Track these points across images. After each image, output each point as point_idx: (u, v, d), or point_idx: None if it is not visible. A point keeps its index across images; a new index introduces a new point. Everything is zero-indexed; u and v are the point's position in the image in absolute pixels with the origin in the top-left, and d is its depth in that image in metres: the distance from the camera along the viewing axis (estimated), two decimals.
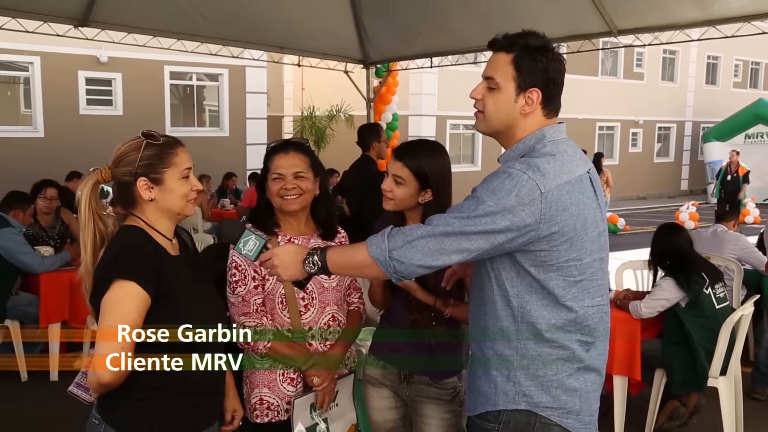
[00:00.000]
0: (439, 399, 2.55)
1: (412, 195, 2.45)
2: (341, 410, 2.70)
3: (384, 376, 2.65)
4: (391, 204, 2.48)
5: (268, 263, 2.09)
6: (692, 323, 4.18)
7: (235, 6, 7.31)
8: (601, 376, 2.05)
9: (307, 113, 19.82)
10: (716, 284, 4.30)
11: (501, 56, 1.99)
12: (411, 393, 2.59)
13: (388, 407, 2.67)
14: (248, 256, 2.13)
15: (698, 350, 4.16)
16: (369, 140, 6.06)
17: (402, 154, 2.47)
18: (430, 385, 2.56)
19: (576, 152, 1.99)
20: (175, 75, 16.44)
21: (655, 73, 26.24)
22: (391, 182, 2.47)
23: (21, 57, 14.18)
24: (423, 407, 2.58)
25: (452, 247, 1.86)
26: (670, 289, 4.23)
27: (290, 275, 2.08)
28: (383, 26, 8.30)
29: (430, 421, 2.56)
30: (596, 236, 1.95)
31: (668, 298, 4.23)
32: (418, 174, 2.43)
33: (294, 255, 2.06)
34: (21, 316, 5.35)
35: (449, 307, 2.49)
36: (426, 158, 2.45)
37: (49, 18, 6.82)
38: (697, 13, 6.26)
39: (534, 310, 1.93)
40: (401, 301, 2.55)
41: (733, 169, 14.52)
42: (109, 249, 1.98)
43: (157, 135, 2.03)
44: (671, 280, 4.25)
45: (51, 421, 4.63)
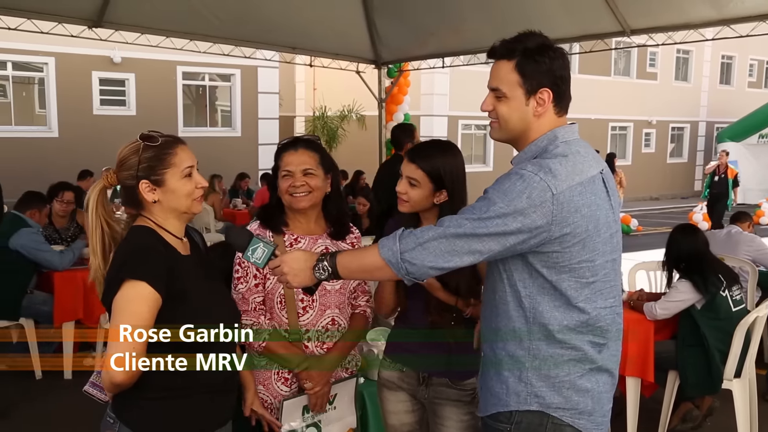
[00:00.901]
0: (458, 401, 2.53)
1: (427, 196, 2.44)
2: (339, 413, 2.68)
3: (401, 379, 2.63)
4: (407, 206, 2.48)
5: (277, 270, 2.08)
6: (708, 326, 4.15)
7: (247, 7, 7.32)
8: (613, 377, 2.04)
9: (319, 113, 19.86)
10: (733, 286, 4.26)
11: (503, 65, 1.98)
12: (430, 395, 2.57)
13: (405, 410, 2.65)
14: (257, 264, 2.13)
15: (713, 353, 4.12)
16: (403, 141, 6.25)
17: (415, 156, 2.47)
18: (450, 386, 2.54)
19: (588, 153, 1.98)
20: (187, 75, 16.52)
21: (668, 73, 26.10)
22: (405, 184, 2.47)
23: (36, 58, 14.30)
24: (442, 409, 2.55)
25: (463, 248, 1.86)
26: (686, 291, 4.19)
27: (300, 282, 2.08)
28: (395, 26, 8.29)
29: (450, 423, 2.54)
30: (609, 237, 1.94)
31: (684, 300, 4.19)
32: (432, 175, 2.42)
33: (303, 262, 2.05)
34: (35, 315, 5.39)
35: (470, 307, 2.48)
36: (440, 159, 2.45)
37: (64, 19, 6.86)
38: (712, 12, 6.22)
39: (546, 311, 1.93)
40: (418, 302, 2.54)
41: (722, 170, 14.34)
42: (120, 250, 1.99)
43: (156, 136, 2.03)
44: (688, 282, 4.21)
45: (65, 419, 4.65)
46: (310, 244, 2.64)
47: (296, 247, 2.61)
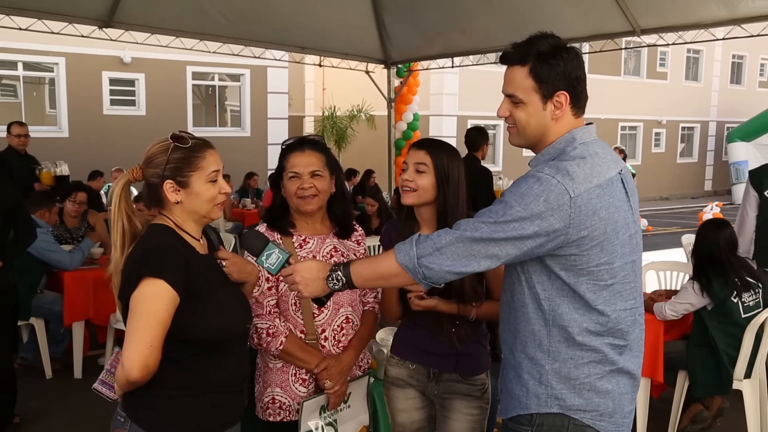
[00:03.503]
0: (468, 395, 2.54)
1: (433, 185, 2.45)
2: (353, 412, 2.69)
3: (411, 376, 2.63)
4: (413, 196, 2.47)
5: (289, 279, 2.09)
6: (716, 328, 4.10)
7: (257, 7, 7.34)
8: (634, 379, 2.03)
9: (328, 113, 19.87)
10: (746, 293, 4.14)
11: (516, 71, 1.95)
12: (440, 391, 2.58)
13: (414, 408, 2.66)
14: (270, 270, 2.14)
15: (721, 355, 4.09)
16: (479, 142, 6.42)
17: (423, 144, 2.51)
18: (460, 381, 2.55)
19: (607, 153, 1.96)
20: (197, 75, 16.57)
21: (678, 73, 25.98)
22: (412, 172, 2.47)
23: (47, 58, 14.38)
24: (451, 403, 2.56)
25: (481, 252, 1.85)
26: (692, 294, 4.15)
27: (311, 292, 2.08)
28: (404, 26, 8.29)
29: (458, 416, 2.54)
30: (627, 239, 1.93)
31: (693, 303, 4.15)
32: (437, 165, 2.44)
33: (316, 272, 2.05)
34: (46, 315, 5.43)
35: (474, 310, 2.49)
36: (445, 153, 2.48)
37: (74, 19, 6.90)
38: (722, 11, 6.18)
39: (565, 313, 1.91)
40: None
41: None
42: (137, 247, 1.99)
43: (187, 138, 2.04)
44: (696, 284, 4.16)
45: (76, 418, 4.68)
46: (318, 244, 2.64)
47: (305, 247, 2.61)
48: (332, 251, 2.66)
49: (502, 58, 2.00)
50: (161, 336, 1.88)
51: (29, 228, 4.48)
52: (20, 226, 4.36)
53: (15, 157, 7.39)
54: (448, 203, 2.44)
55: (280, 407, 2.59)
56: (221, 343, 2.03)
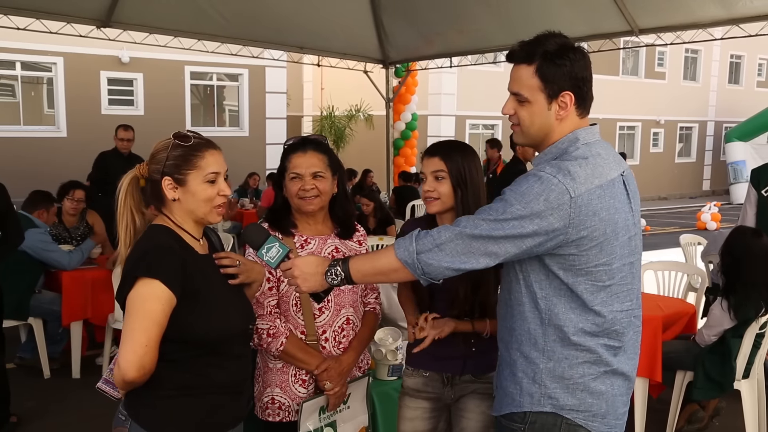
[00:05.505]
0: (483, 393, 2.52)
1: (453, 190, 2.43)
2: (353, 412, 2.68)
3: (426, 384, 2.60)
4: (437, 204, 2.46)
5: (288, 273, 2.08)
6: (732, 338, 4.08)
7: (255, 6, 7.35)
8: (629, 381, 2.03)
9: (327, 113, 19.88)
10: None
11: (523, 69, 1.95)
12: (455, 393, 2.56)
13: (421, 417, 2.62)
14: (269, 263, 2.13)
15: (733, 364, 4.08)
16: None
17: (436, 151, 2.47)
18: (474, 381, 2.54)
19: (609, 154, 1.96)
20: (195, 75, 16.56)
21: (677, 73, 26.01)
22: (431, 181, 2.45)
23: (44, 57, 14.37)
24: (466, 402, 2.54)
25: (480, 249, 1.85)
26: (720, 318, 4.09)
27: (310, 287, 2.07)
28: (402, 26, 8.30)
29: (471, 415, 2.53)
30: (627, 240, 1.92)
31: (721, 326, 4.10)
32: (452, 170, 2.42)
33: (315, 267, 2.05)
34: (44, 314, 5.42)
35: (487, 327, 2.46)
36: (459, 155, 2.45)
37: (73, 19, 6.90)
38: (720, 11, 6.20)
39: (561, 313, 1.92)
40: (442, 303, 2.51)
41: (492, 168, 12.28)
42: (136, 247, 2.00)
43: (190, 136, 2.04)
44: (724, 305, 4.06)
45: (73, 417, 4.67)
46: (320, 244, 2.63)
47: (307, 248, 2.60)
48: (334, 252, 2.65)
49: (509, 56, 2.00)
50: (157, 336, 1.88)
51: (18, 230, 4.47)
52: (9, 227, 4.36)
53: (116, 158, 7.50)
54: (466, 205, 2.41)
55: (279, 408, 2.59)
56: (221, 343, 2.03)
